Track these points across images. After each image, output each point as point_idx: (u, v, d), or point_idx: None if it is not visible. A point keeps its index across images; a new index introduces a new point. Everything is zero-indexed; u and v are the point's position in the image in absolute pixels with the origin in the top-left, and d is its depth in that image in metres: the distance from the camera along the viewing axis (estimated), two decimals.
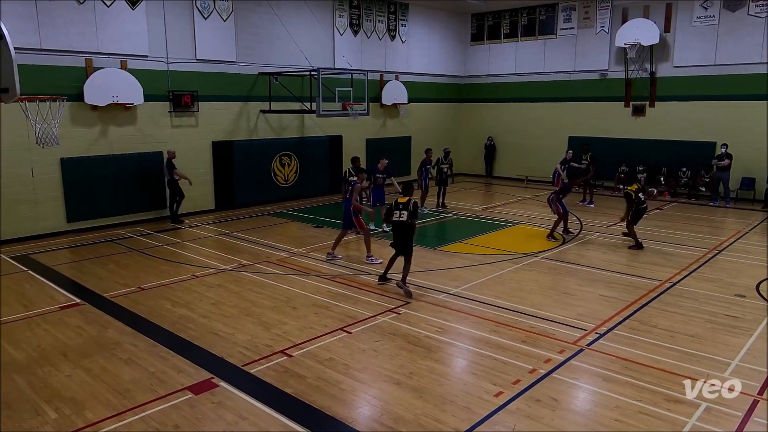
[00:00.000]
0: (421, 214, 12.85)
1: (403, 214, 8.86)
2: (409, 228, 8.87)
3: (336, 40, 18.65)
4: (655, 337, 7.26)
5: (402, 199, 9.05)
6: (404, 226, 8.87)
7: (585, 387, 6.07)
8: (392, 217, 8.99)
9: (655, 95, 19.32)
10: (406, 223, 8.82)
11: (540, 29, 21.73)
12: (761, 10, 16.86)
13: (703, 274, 10.05)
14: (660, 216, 15.49)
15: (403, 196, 9.13)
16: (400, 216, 8.88)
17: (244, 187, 16.50)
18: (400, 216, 8.89)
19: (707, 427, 5.20)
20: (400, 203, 8.98)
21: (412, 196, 9.11)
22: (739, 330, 7.52)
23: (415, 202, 8.96)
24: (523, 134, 22.45)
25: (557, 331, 7.46)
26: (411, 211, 8.83)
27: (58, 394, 5.90)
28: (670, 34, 18.69)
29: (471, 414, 5.44)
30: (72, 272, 10.47)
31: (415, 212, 8.89)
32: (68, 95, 12.06)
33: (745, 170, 17.46)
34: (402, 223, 8.87)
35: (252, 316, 8.12)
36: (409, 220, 8.82)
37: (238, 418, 5.40)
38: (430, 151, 16.39)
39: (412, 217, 8.84)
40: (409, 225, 8.84)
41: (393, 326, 7.68)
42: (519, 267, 10.53)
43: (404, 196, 9.14)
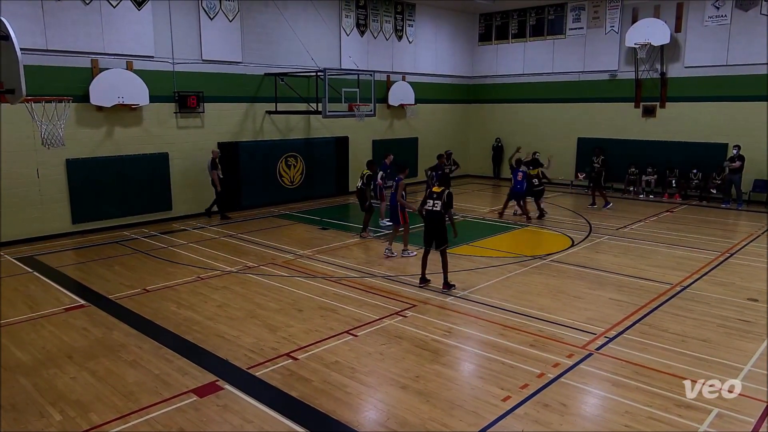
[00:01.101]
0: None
1: (437, 203, 8.99)
2: (442, 218, 8.99)
3: (342, 41, 18.69)
4: (666, 342, 7.22)
5: (437, 189, 9.17)
6: (438, 216, 9.00)
7: (594, 392, 6.04)
8: (425, 206, 9.15)
9: (666, 96, 19.23)
10: (440, 213, 8.95)
11: (549, 29, 21.69)
12: None
13: (715, 278, 9.99)
14: (671, 218, 15.41)
15: (438, 186, 9.23)
16: (434, 206, 9.01)
17: (250, 188, 16.54)
18: (434, 206, 9.02)
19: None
20: (434, 193, 9.11)
21: (448, 187, 9.18)
22: (752, 335, 7.47)
23: (449, 192, 9.06)
24: (532, 136, 22.32)
25: (566, 335, 7.43)
26: (445, 201, 8.94)
27: (63, 396, 5.93)
28: (681, 34, 18.61)
29: (478, 419, 5.43)
30: (77, 274, 10.54)
31: (449, 202, 9.01)
32: (74, 96, 12.18)
33: (758, 172, 17.33)
34: (436, 212, 9.00)
35: (257, 318, 8.14)
36: (443, 210, 8.95)
37: (243, 422, 5.41)
38: (442, 156, 15.79)
39: (447, 207, 8.97)
40: (443, 215, 8.97)
41: (399, 329, 7.67)
42: (527, 270, 10.51)
43: (440, 186, 9.23)
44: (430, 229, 9.17)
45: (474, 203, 17.83)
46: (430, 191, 9.26)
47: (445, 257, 9.16)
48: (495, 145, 23.53)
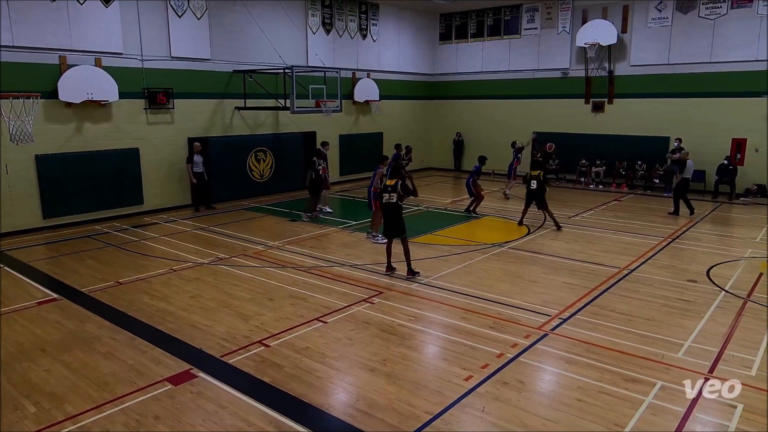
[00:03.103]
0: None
1: (392, 196, 9.07)
2: (399, 209, 9.08)
3: (309, 39, 18.48)
4: (615, 321, 7.43)
5: (390, 182, 9.23)
6: (394, 207, 9.09)
7: (549, 369, 6.18)
8: (382, 200, 9.21)
9: (613, 93, 19.68)
10: (396, 204, 9.04)
11: (505, 29, 21.89)
12: (710, 13, 17.30)
13: (658, 261, 10.31)
14: (618, 207, 15.83)
15: (390, 179, 9.29)
16: (390, 198, 9.08)
17: (221, 182, 16.27)
18: (389, 198, 9.09)
19: (663, 405, 5.35)
20: (389, 186, 9.16)
21: (399, 179, 9.23)
22: (691, 313, 7.74)
23: (402, 183, 9.12)
24: (490, 130, 22.64)
25: (523, 317, 7.58)
26: (399, 193, 9.02)
27: (37, 389, 5.75)
28: (627, 35, 19.05)
29: (442, 397, 5.50)
30: (49, 268, 10.19)
31: (405, 191, 9.10)
32: (42, 92, 11.76)
33: (697, 163, 17.86)
34: (392, 204, 9.08)
35: (230, 308, 8.04)
36: (399, 201, 9.04)
37: (218, 408, 5.35)
38: (399, 146, 16.69)
39: (401, 197, 9.06)
40: (399, 206, 9.06)
41: (367, 315, 7.69)
42: (487, 257, 10.65)
43: (391, 179, 9.29)
44: (388, 220, 9.29)
45: (436, 194, 17.95)
46: (385, 185, 9.31)
47: (406, 245, 9.22)
48: (456, 139, 23.70)
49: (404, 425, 5.03)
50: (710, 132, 17.63)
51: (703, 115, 17.77)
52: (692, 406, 5.32)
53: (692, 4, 17.60)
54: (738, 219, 14.30)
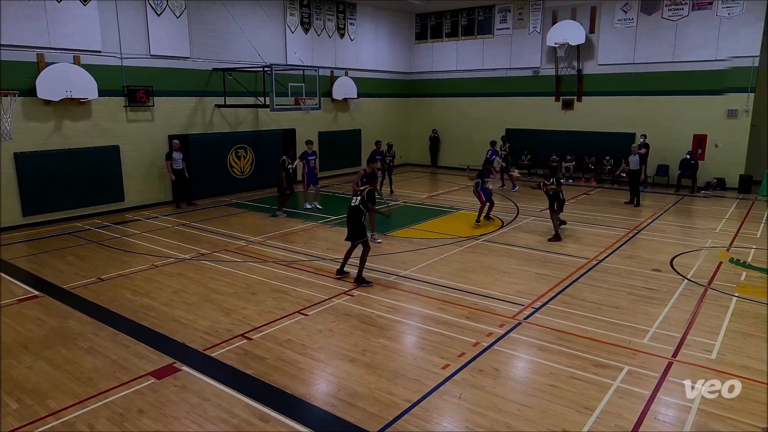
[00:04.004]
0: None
1: (356, 199, 8.79)
2: (360, 214, 8.72)
3: (288, 38, 18.32)
4: (584, 310, 7.56)
5: (363, 187, 9.03)
6: (355, 212, 8.73)
7: (523, 357, 6.27)
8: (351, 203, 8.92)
9: (582, 91, 19.94)
10: (357, 208, 8.72)
11: (479, 29, 21.99)
12: (673, 14, 17.62)
13: (625, 252, 10.51)
14: (586, 200, 16.07)
15: (364, 185, 9.12)
16: (354, 201, 8.82)
17: (202, 178, 16.05)
18: (355, 201, 8.81)
19: (630, 388, 5.47)
20: (359, 190, 8.95)
21: (372, 187, 9.05)
22: (656, 301, 7.92)
23: (370, 190, 8.89)
24: (465, 127, 22.78)
25: (498, 307, 7.66)
26: (364, 198, 8.74)
27: (20, 385, 5.63)
28: (594, 35, 19.30)
29: (421, 386, 5.54)
30: (30, 265, 9.96)
31: (370, 199, 8.78)
32: (20, 90, 11.45)
33: (661, 158, 18.31)
34: (354, 207, 8.75)
35: (212, 302, 7.96)
36: (361, 205, 8.71)
37: (202, 400, 5.31)
38: (380, 143, 16.74)
39: (364, 203, 8.72)
40: (361, 211, 8.71)
41: (347, 308, 7.70)
42: (462, 249, 10.73)
43: (364, 185, 9.11)
44: (349, 224, 8.82)
45: (414, 189, 17.99)
46: (357, 189, 9.09)
47: (365, 252, 8.69)
48: (432, 136, 23.77)
49: (384, 413, 5.06)
50: (673, 128, 18.00)
51: (666, 111, 18.13)
52: (657, 388, 5.46)
53: (656, 5, 17.90)
54: (699, 211, 14.64)
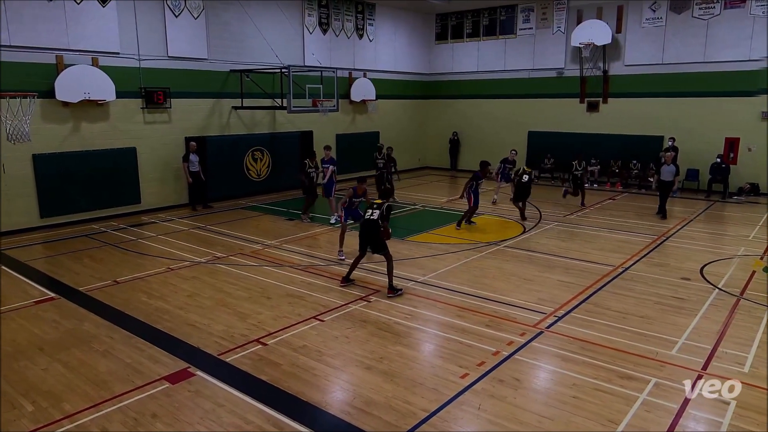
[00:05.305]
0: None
1: (374, 213, 8.61)
2: (378, 227, 8.61)
3: (306, 39, 18.46)
4: (609, 319, 7.45)
5: (378, 200, 8.92)
6: (373, 225, 8.61)
7: (545, 367, 6.20)
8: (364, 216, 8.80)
9: (608, 92, 19.72)
10: (376, 222, 8.60)
11: (501, 29, 21.91)
12: (704, 13, 17.35)
13: (652, 260, 10.34)
14: (613, 205, 15.87)
15: (379, 199, 9.05)
16: (371, 215, 8.65)
17: (218, 181, 16.22)
18: (371, 215, 8.66)
19: (657, 401, 5.37)
20: (375, 203, 8.82)
21: (388, 201, 8.95)
22: (685, 311, 7.77)
23: (388, 205, 8.79)
24: (486, 129, 22.68)
25: (519, 315, 7.59)
26: (383, 213, 8.63)
27: (35, 387, 5.74)
28: (621, 35, 19.08)
29: (439, 395, 5.50)
30: (46, 267, 10.16)
31: (387, 215, 8.70)
32: (39, 92, 11.69)
33: (690, 162, 18.00)
34: (372, 221, 8.61)
35: (227, 306, 8.03)
36: (379, 220, 8.61)
37: (215, 406, 5.34)
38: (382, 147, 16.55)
39: (384, 218, 8.63)
40: (378, 225, 8.59)
41: (364, 314, 7.69)
42: (482, 255, 10.66)
43: (380, 198, 9.10)
44: (366, 237, 8.68)
45: (433, 193, 17.95)
46: (372, 201, 8.95)
47: (390, 262, 8.61)
48: (452, 138, 23.71)
49: (401, 423, 5.03)
50: (703, 131, 17.69)
51: (696, 114, 17.83)
52: (686, 402, 5.34)
53: (686, 4, 17.65)
54: (731, 217, 14.36)
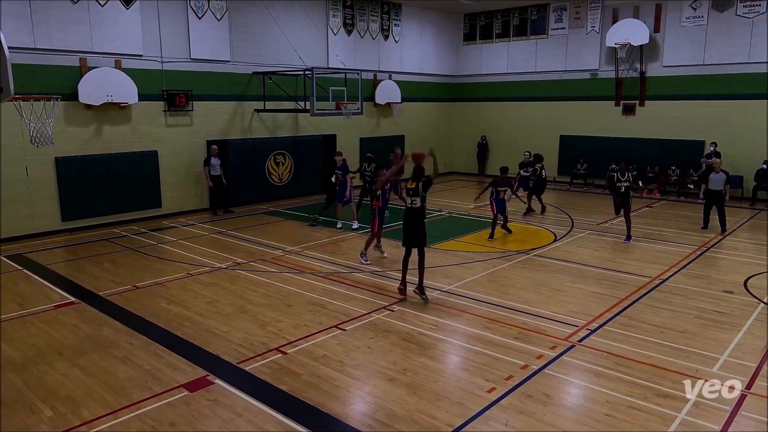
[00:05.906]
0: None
1: (415, 200, 8.22)
2: (422, 215, 8.23)
3: (330, 40, 18.62)
4: (646, 333, 7.30)
5: (411, 185, 8.28)
6: (419, 213, 8.26)
7: (576, 382, 6.10)
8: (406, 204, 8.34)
9: (645, 95, 19.41)
10: (422, 209, 8.23)
11: (532, 29, 21.77)
12: (749, 11, 16.97)
13: (692, 271, 10.11)
14: (650, 213, 15.57)
15: (411, 182, 8.31)
16: (413, 203, 8.25)
17: (239, 185, 16.43)
18: (412, 203, 8.25)
19: (697, 422, 5.23)
20: (410, 189, 8.26)
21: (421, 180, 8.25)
22: (727, 326, 7.57)
23: (425, 182, 8.19)
24: (516, 133, 22.48)
25: (549, 328, 7.49)
26: (422, 195, 8.13)
27: (54, 393, 5.87)
28: (659, 35, 18.78)
29: (464, 409, 5.45)
30: (67, 271, 10.41)
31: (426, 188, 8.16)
32: (62, 94, 11.99)
33: (734, 169, 17.49)
34: (416, 209, 8.23)
35: (247, 314, 8.10)
36: (422, 204, 8.19)
37: (234, 416, 5.38)
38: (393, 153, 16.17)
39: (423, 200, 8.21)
40: (423, 212, 8.24)
41: (387, 323, 7.68)
42: (511, 264, 10.56)
43: (413, 182, 8.29)
44: (411, 229, 8.30)
45: (460, 199, 17.87)
46: (406, 187, 8.38)
47: (423, 259, 8.39)
48: (480, 142, 23.59)
49: None
50: (748, 136, 17.25)
51: (740, 117, 17.41)
52: (728, 422, 5.19)
53: (729, 2, 17.28)
54: None
